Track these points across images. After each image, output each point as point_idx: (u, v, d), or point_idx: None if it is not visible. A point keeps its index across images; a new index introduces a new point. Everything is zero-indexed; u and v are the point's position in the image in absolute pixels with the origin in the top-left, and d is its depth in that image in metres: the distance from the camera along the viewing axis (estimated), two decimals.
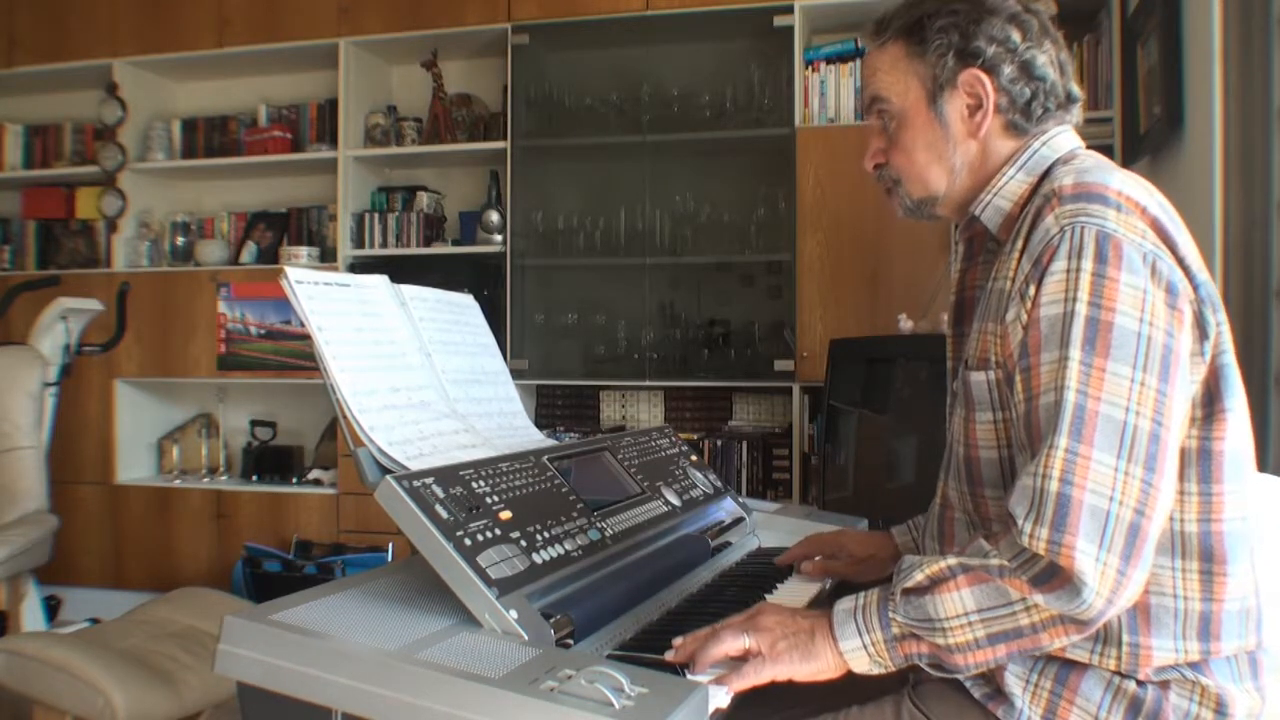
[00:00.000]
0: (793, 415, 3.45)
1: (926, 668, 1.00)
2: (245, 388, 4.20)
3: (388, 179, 4.12)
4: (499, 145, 3.73)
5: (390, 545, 3.58)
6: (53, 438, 3.05)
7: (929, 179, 1.18)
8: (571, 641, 1.05)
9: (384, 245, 3.88)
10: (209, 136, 4.18)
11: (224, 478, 4.13)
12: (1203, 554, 1.00)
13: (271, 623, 0.97)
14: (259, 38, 3.92)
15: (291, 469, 4.00)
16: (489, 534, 1.08)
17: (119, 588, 3.95)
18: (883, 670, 1.01)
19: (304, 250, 3.95)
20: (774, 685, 1.01)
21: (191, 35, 4.00)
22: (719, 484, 1.69)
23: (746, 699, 1.00)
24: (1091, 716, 1.00)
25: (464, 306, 1.59)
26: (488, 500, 1.14)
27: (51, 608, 3.43)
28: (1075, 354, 0.95)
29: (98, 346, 3.29)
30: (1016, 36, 1.11)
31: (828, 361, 3.01)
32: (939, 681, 1.05)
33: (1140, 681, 1.00)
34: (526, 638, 0.99)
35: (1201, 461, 1.01)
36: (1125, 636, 0.99)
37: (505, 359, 1.62)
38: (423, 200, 3.93)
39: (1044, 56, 1.12)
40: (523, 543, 1.11)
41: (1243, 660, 1.02)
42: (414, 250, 3.85)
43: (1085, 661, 1.01)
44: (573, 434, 3.67)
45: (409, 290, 1.44)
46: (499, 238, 3.73)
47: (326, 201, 4.11)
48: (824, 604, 1.17)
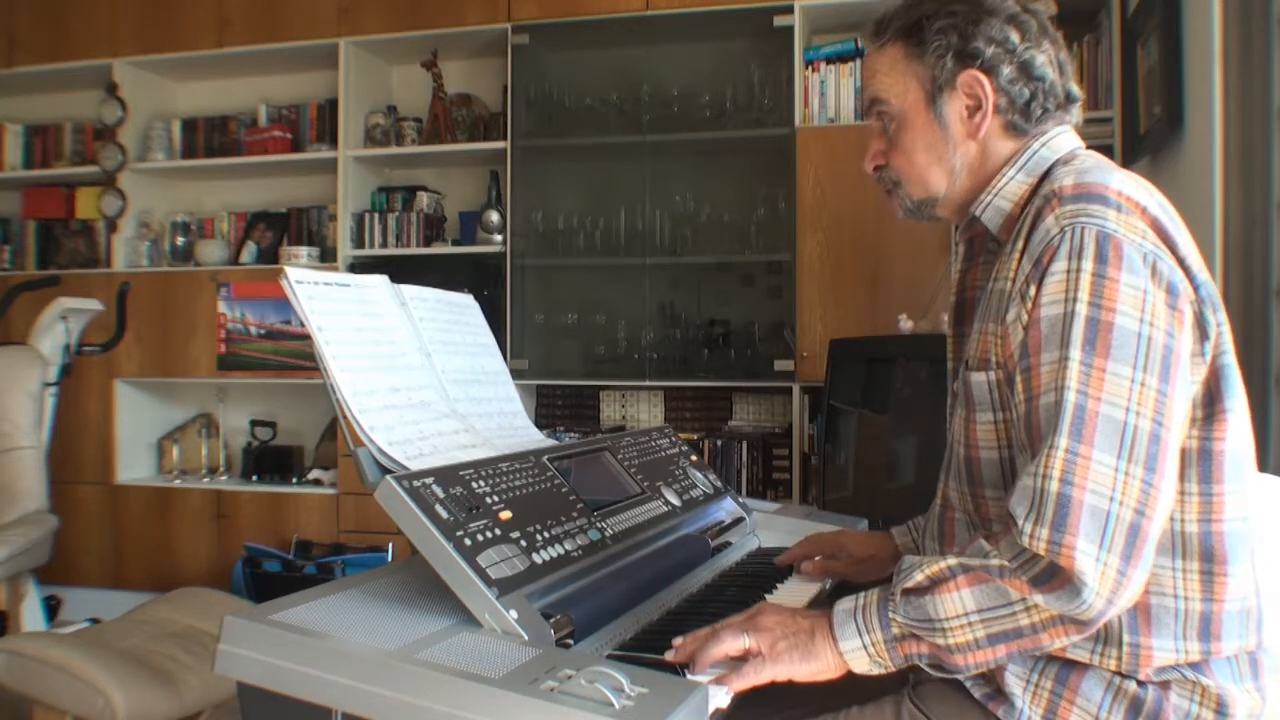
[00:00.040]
0: (793, 415, 3.45)
1: (926, 668, 1.00)
2: (245, 388, 4.20)
3: (388, 179, 4.12)
4: (499, 145, 3.73)
5: (390, 545, 3.58)
6: (53, 438, 3.05)
7: (929, 180, 1.18)
8: (571, 641, 1.05)
9: (384, 245, 3.88)
10: (209, 136, 4.18)
11: (224, 478, 4.13)
12: (1203, 554, 1.00)
13: (271, 623, 0.97)
14: (259, 38, 3.92)
15: (291, 469, 4.00)
16: (489, 534, 1.08)
17: (119, 588, 3.95)
18: (883, 670, 1.01)
19: (304, 250, 3.95)
20: (774, 685, 1.01)
21: (191, 35, 4.00)
22: (719, 484, 1.69)
23: (746, 699, 1.00)
24: (1092, 717, 1.00)
25: (464, 306, 1.59)
26: (488, 500, 1.14)
27: (51, 608, 3.43)
28: (1075, 354, 0.95)
29: (98, 346, 3.29)
30: (1015, 37, 1.11)
31: (828, 361, 3.01)
32: (939, 681, 1.05)
33: (1141, 682, 1.00)
34: (526, 638, 0.99)
35: (1202, 462, 1.01)
36: (1126, 637, 0.99)
37: (505, 359, 1.62)
38: (423, 200, 3.93)
39: (1043, 57, 1.12)
40: (523, 543, 1.11)
41: (1243, 660, 1.02)
42: (414, 250, 3.85)
43: (1086, 662, 1.01)
44: (573, 434, 3.67)
45: (409, 290, 1.44)
46: (499, 238, 3.73)
47: (326, 201, 4.11)
48: (824, 604, 1.17)
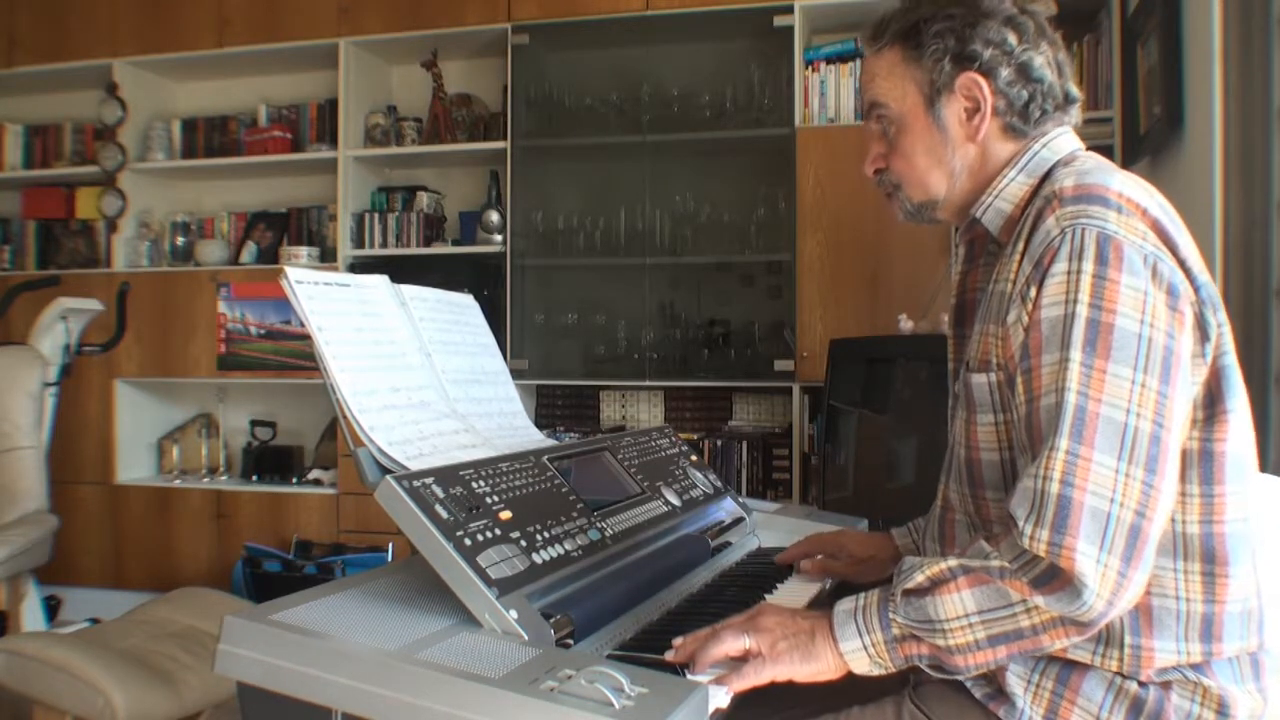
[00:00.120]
0: (793, 415, 3.45)
1: (927, 669, 1.00)
2: (245, 388, 4.20)
3: (388, 179, 4.12)
4: (499, 145, 3.73)
5: (390, 545, 3.58)
6: (53, 438, 3.05)
7: (929, 183, 1.18)
8: (571, 641, 1.05)
9: (384, 245, 3.88)
10: (209, 136, 4.18)
11: (224, 478, 4.13)
12: (1204, 555, 1.00)
13: (271, 623, 0.97)
14: (259, 38, 3.92)
15: (291, 469, 4.00)
16: (489, 534, 1.08)
17: (119, 588, 3.95)
18: (883, 671, 1.01)
19: (304, 250, 3.95)
20: (774, 686, 1.01)
21: (191, 35, 4.00)
22: (719, 484, 1.69)
23: (746, 699, 1.00)
24: (1093, 717, 0.99)
25: (464, 306, 1.59)
26: (488, 500, 1.14)
27: (51, 608, 3.43)
28: (1076, 356, 0.95)
29: (98, 346, 3.29)
30: (1013, 39, 1.11)
31: (828, 361, 3.01)
32: (940, 682, 1.04)
33: (1142, 682, 0.99)
34: (526, 638, 0.99)
35: (1203, 463, 1.00)
36: (1127, 638, 0.99)
37: (505, 359, 1.62)
38: (423, 200, 3.93)
39: (1041, 58, 1.12)
40: (523, 543, 1.11)
41: (1245, 661, 1.02)
42: (414, 250, 3.85)
43: (1087, 663, 1.01)
44: (573, 434, 3.67)
45: (409, 290, 1.44)
46: (499, 238, 3.73)
47: (326, 201, 4.10)
48: (824, 604, 1.17)
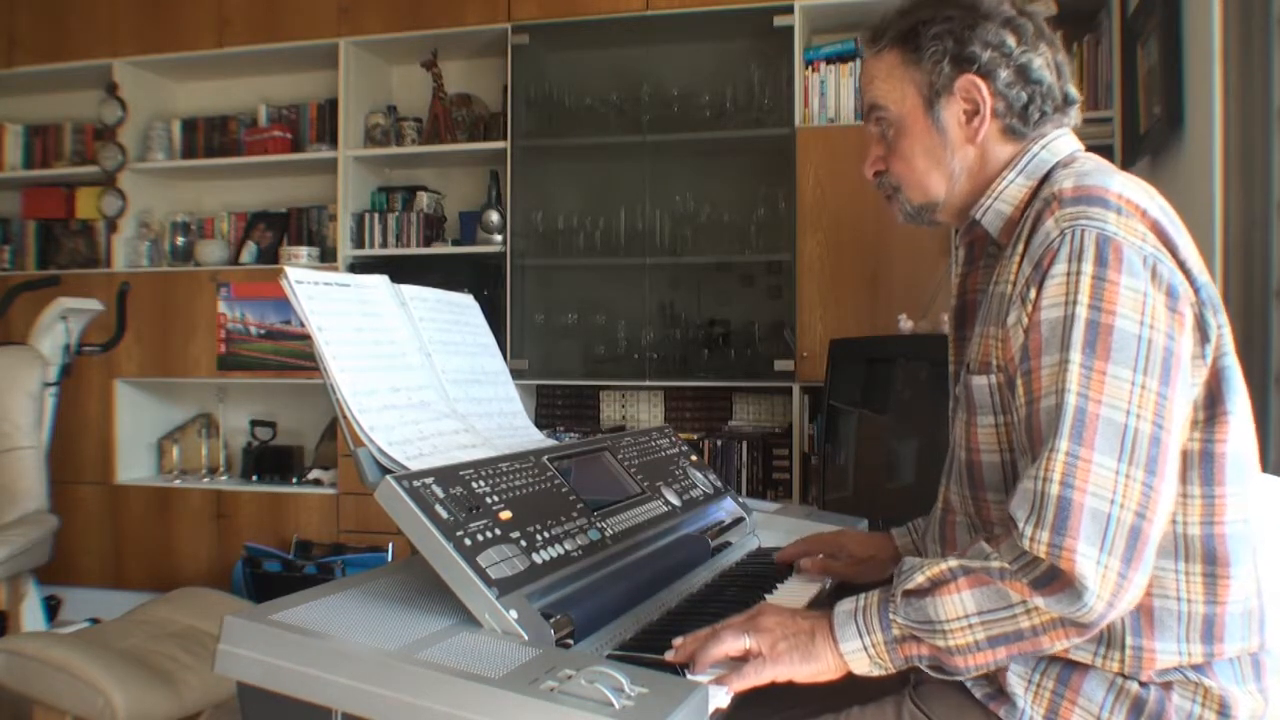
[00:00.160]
0: (793, 415, 3.45)
1: (927, 669, 1.00)
2: (245, 388, 4.20)
3: (388, 179, 4.12)
4: (499, 145, 3.73)
5: (390, 545, 3.58)
6: (53, 438, 3.05)
7: (928, 185, 1.18)
8: (571, 641, 1.05)
9: (384, 245, 3.88)
10: (209, 136, 4.18)
11: (224, 478, 4.13)
12: (1205, 556, 1.00)
13: (271, 623, 0.97)
14: (259, 38, 3.92)
15: (291, 469, 4.00)
16: (489, 534, 1.08)
17: (119, 588, 3.95)
18: (883, 672, 1.01)
19: (304, 250, 3.95)
20: (774, 686, 1.01)
21: (191, 35, 4.00)
22: (719, 484, 1.69)
23: (746, 699, 1.00)
24: (1094, 717, 0.99)
25: (464, 306, 1.59)
26: (488, 500, 1.14)
27: (51, 608, 3.43)
28: (1076, 357, 0.95)
29: (98, 346, 3.29)
30: (1011, 41, 1.11)
31: (828, 361, 3.01)
32: (940, 682, 1.04)
33: (1143, 683, 0.99)
34: (526, 638, 0.99)
35: (1204, 464, 1.00)
36: (1128, 639, 0.99)
37: (505, 359, 1.62)
38: (423, 200, 3.93)
39: (1040, 60, 1.12)
40: (523, 543, 1.11)
41: (1246, 662, 1.02)
42: (414, 250, 3.85)
43: (1088, 663, 1.01)
44: (573, 434, 3.67)
45: (409, 290, 1.44)
46: (499, 238, 3.73)
47: (326, 201, 4.10)
48: (824, 604, 1.17)
